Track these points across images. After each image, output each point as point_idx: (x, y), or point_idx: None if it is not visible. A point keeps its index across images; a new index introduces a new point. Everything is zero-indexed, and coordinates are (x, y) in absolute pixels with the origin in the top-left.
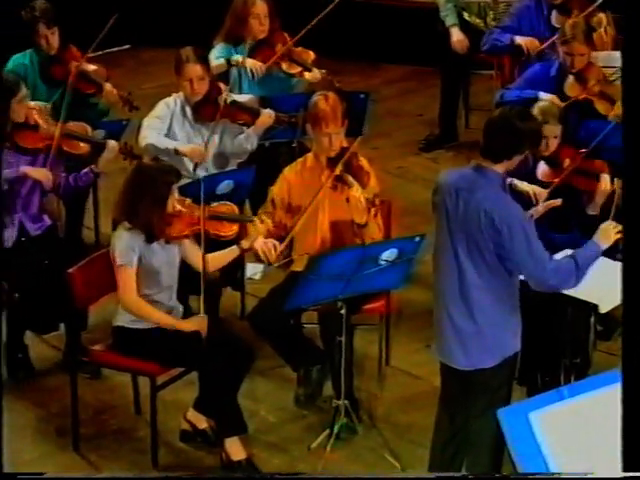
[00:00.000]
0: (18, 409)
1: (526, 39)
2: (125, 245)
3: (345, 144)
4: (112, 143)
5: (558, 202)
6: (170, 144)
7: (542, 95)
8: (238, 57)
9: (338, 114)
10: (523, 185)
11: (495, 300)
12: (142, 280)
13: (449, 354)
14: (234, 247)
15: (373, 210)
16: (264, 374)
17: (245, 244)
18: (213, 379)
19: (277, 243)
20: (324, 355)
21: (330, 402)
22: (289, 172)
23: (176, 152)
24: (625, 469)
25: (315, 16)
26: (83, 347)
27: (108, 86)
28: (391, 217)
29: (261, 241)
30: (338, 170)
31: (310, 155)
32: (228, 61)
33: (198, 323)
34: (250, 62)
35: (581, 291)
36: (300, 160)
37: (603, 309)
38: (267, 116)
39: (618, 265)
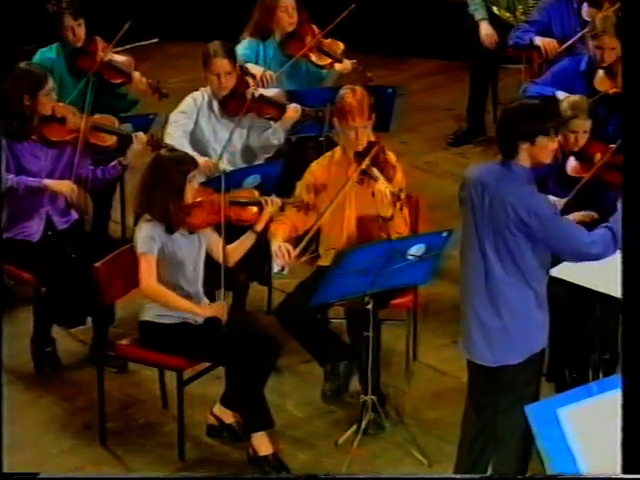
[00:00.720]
0: (45, 403)
1: (545, 40)
2: (145, 234)
3: (372, 138)
4: (140, 135)
5: (594, 215)
6: (187, 150)
7: (559, 94)
8: (256, 68)
9: (365, 108)
10: None
11: (521, 296)
12: (166, 272)
13: (475, 350)
14: (249, 232)
15: (398, 204)
16: (291, 369)
17: (258, 227)
18: (240, 374)
19: (291, 248)
20: (351, 350)
21: (357, 397)
22: (316, 166)
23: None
24: (625, 470)
25: (341, 8)
26: (110, 341)
27: (137, 74)
28: (419, 212)
29: (275, 245)
30: (364, 164)
31: (338, 149)
32: (242, 68)
33: (217, 309)
34: (257, 70)
35: (610, 287)
36: (327, 154)
37: None
38: (294, 111)
39: None
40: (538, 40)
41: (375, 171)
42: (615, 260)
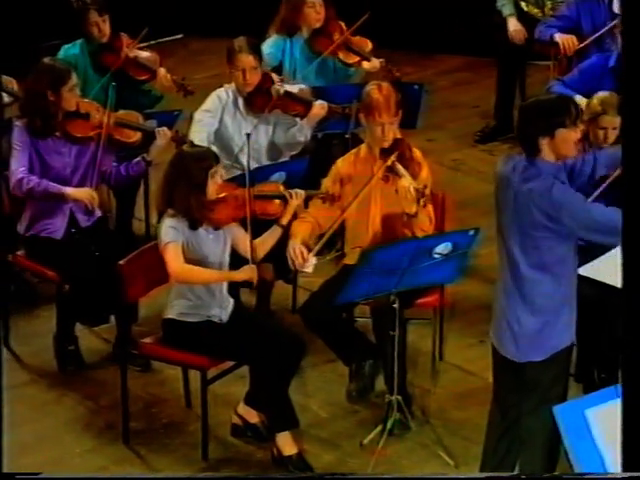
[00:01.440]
0: (68, 402)
1: (564, 37)
2: (169, 226)
3: (399, 135)
4: (163, 130)
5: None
6: None
7: (578, 98)
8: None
9: (391, 104)
10: None
11: (548, 292)
12: None
13: (501, 342)
14: (275, 226)
15: (422, 201)
16: (316, 368)
17: (284, 220)
18: (264, 373)
19: (305, 251)
20: (376, 350)
21: (383, 397)
22: (342, 163)
23: None
24: (625, 469)
25: (367, 3)
26: (133, 340)
27: (162, 71)
28: (445, 210)
29: (290, 246)
30: (390, 161)
31: (363, 146)
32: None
33: (249, 271)
34: None
35: None
36: (353, 151)
37: None
38: (319, 107)
39: None
40: (558, 37)
41: (400, 168)
42: None
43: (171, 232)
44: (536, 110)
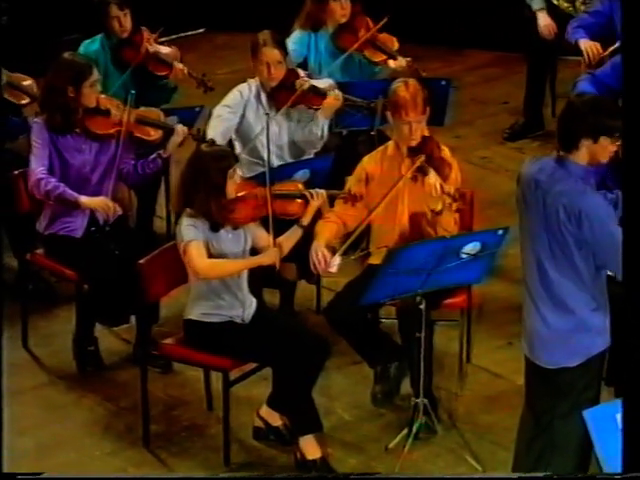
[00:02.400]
0: (87, 404)
1: (588, 44)
2: (188, 225)
3: (427, 133)
4: (180, 127)
5: None
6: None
7: None
8: None
9: (419, 102)
10: None
11: (579, 297)
12: None
13: (532, 350)
14: (295, 226)
15: (455, 205)
16: (340, 370)
17: (305, 221)
18: (287, 375)
19: (328, 255)
20: (402, 351)
21: (408, 400)
22: (368, 161)
23: None
24: (625, 469)
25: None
26: (154, 340)
27: (178, 65)
28: (473, 209)
29: (313, 250)
30: (419, 161)
31: (391, 144)
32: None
33: (273, 254)
34: None
35: None
36: (380, 149)
37: None
38: (333, 98)
39: None
40: (582, 43)
41: (429, 169)
42: None
43: (191, 230)
44: (592, 110)
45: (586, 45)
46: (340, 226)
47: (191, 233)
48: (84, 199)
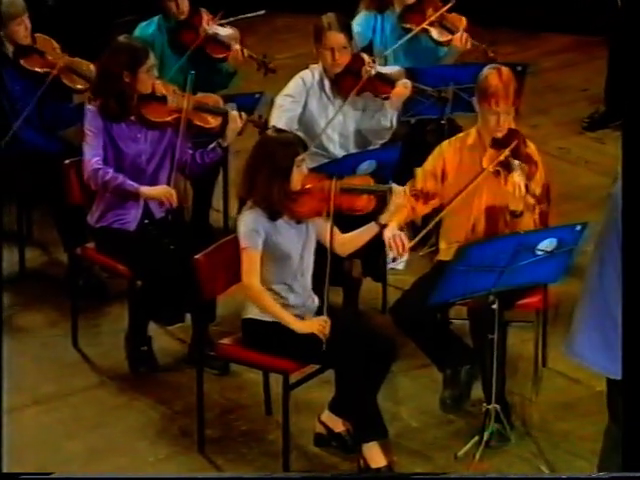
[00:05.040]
0: (140, 407)
1: None
2: (249, 226)
3: (514, 125)
4: (234, 113)
5: None
6: None
7: None
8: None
9: (510, 92)
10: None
11: None
12: (270, 264)
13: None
14: (372, 224)
15: (538, 207)
16: (407, 374)
17: (384, 219)
18: (351, 378)
19: (406, 239)
20: (474, 354)
21: (479, 406)
22: (447, 148)
23: None
24: (625, 469)
25: None
26: (210, 340)
27: (236, 46)
28: (549, 203)
29: (390, 233)
30: (504, 155)
31: (473, 132)
32: None
33: (316, 326)
34: None
35: None
36: (460, 136)
37: None
38: (402, 87)
39: None
40: None
41: (515, 163)
42: None
43: (250, 236)
44: None
45: None
46: (410, 211)
47: (249, 239)
48: (145, 189)
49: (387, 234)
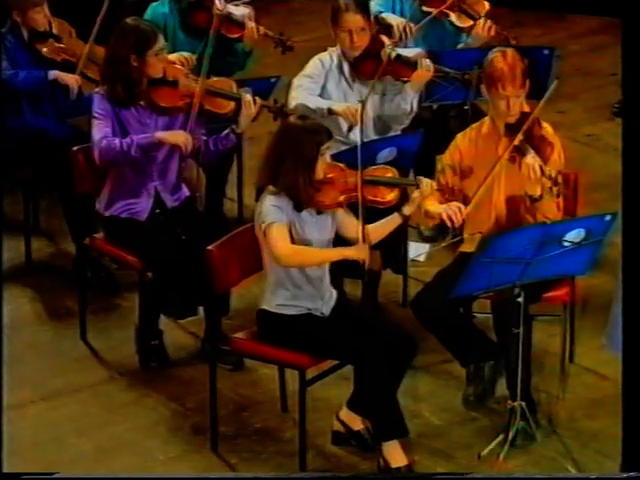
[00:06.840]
0: (151, 403)
1: None
2: (272, 204)
3: (526, 108)
4: (248, 98)
5: None
6: (323, 103)
7: None
8: (394, 19)
9: (517, 74)
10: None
11: None
12: None
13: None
14: (395, 215)
15: (555, 189)
16: (428, 370)
17: (407, 210)
18: (370, 374)
19: (462, 206)
20: (498, 349)
21: (504, 403)
22: (462, 139)
23: (329, 112)
24: (625, 469)
25: None
26: (224, 334)
27: (250, 24)
28: (577, 192)
29: (444, 205)
30: (517, 140)
31: (486, 120)
32: (377, 19)
33: (362, 251)
34: (395, 21)
35: None
36: (474, 126)
37: None
38: (424, 69)
39: None
40: None
41: (529, 148)
42: None
43: (275, 211)
44: None
45: None
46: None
47: (274, 214)
48: (161, 134)
49: (441, 209)
